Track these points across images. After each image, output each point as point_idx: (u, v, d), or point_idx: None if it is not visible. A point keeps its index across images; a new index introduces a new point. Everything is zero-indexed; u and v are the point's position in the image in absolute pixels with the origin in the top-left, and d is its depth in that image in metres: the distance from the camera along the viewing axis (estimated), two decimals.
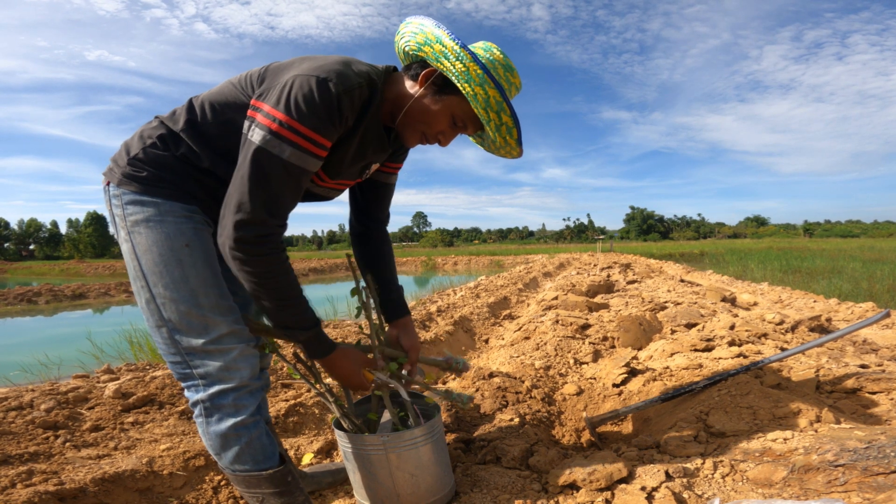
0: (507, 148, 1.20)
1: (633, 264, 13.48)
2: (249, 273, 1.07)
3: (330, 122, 1.05)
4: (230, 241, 1.05)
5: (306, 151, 1.04)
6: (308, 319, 1.17)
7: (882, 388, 1.82)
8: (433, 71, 1.13)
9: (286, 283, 1.11)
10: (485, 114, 1.11)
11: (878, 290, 7.43)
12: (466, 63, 1.07)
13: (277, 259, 1.09)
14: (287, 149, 1.02)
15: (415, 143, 1.24)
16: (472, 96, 1.09)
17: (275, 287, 1.09)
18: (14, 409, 2.00)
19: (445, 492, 1.37)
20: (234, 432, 1.15)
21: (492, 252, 39.60)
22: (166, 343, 1.14)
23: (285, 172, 1.04)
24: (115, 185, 1.14)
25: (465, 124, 1.19)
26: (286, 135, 1.02)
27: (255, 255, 1.05)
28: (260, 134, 1.03)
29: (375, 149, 1.25)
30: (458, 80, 1.09)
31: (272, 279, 1.09)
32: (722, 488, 1.28)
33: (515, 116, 1.13)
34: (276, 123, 1.02)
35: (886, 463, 1.16)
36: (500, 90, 1.08)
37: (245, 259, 1.05)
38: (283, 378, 2.57)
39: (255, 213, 1.03)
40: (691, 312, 3.52)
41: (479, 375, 2.24)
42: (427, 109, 1.15)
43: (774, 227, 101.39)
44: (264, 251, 1.06)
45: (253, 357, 1.19)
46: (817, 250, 19.88)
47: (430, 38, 1.10)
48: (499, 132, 1.14)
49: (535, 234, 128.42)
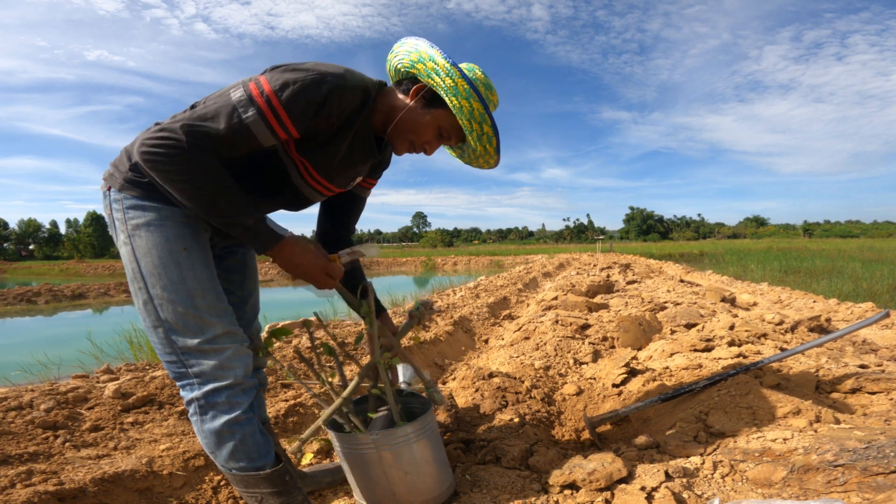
0: (486, 156, 1.30)
1: (633, 264, 13.48)
2: (169, 172, 1.04)
3: (305, 111, 1.11)
4: (144, 146, 1.04)
5: (267, 124, 1.09)
6: (249, 205, 1.13)
7: (881, 388, 1.82)
8: (423, 86, 1.23)
9: (214, 175, 1.07)
10: (468, 124, 1.21)
11: (878, 290, 7.44)
12: (455, 79, 1.17)
13: (196, 157, 1.05)
14: (253, 114, 1.08)
15: (403, 151, 1.33)
16: (458, 109, 1.19)
17: (203, 180, 1.06)
18: (14, 409, 2.00)
19: (443, 489, 1.37)
20: (228, 429, 1.17)
21: (491, 252, 39.61)
22: (162, 343, 1.17)
23: (237, 131, 1.07)
24: (116, 190, 1.18)
25: (450, 135, 1.29)
26: (260, 103, 1.08)
27: (170, 158, 1.03)
28: (239, 93, 1.09)
29: (364, 155, 1.31)
30: (446, 95, 1.19)
31: (195, 172, 1.05)
32: (721, 488, 1.28)
33: (495, 126, 1.24)
34: (259, 91, 1.08)
35: (886, 463, 1.16)
36: (483, 103, 1.19)
37: (160, 160, 1.03)
38: (283, 378, 2.57)
39: (185, 138, 1.03)
40: (691, 313, 3.52)
41: (478, 375, 2.24)
42: (416, 121, 1.25)
43: (774, 228, 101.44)
44: (179, 154, 1.04)
45: (246, 356, 1.22)
46: (817, 250, 19.90)
47: (423, 57, 1.20)
48: (480, 141, 1.25)
49: (534, 234, 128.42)
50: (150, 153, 1.04)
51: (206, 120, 1.06)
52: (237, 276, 1.45)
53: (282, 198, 1.34)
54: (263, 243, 1.18)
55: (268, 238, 1.17)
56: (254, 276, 1.53)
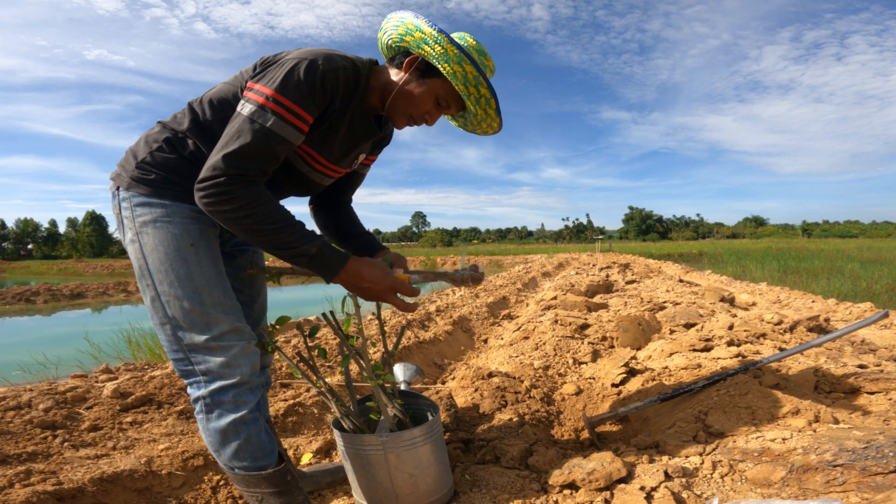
0: (488, 120, 1.29)
1: (632, 264, 13.49)
2: (228, 211, 1.06)
3: (312, 97, 1.12)
4: (199, 192, 1.06)
5: (288, 123, 1.10)
6: (310, 233, 1.14)
7: (880, 388, 1.82)
8: (416, 58, 1.22)
9: (272, 209, 1.09)
10: (464, 89, 1.20)
11: (877, 290, 7.45)
12: (444, 45, 1.16)
13: (249, 192, 1.07)
14: (271, 118, 1.08)
15: (404, 124, 1.32)
16: (451, 74, 1.18)
17: (263, 214, 1.08)
18: (12, 408, 1.99)
19: (444, 491, 1.37)
20: (234, 428, 1.16)
21: (491, 252, 39.62)
22: (169, 340, 1.17)
23: (266, 138, 1.08)
24: (124, 188, 1.18)
25: (448, 104, 1.28)
26: (271, 106, 1.08)
27: (223, 195, 1.05)
28: (249, 107, 1.09)
29: (364, 134, 1.32)
30: (438, 62, 1.18)
31: (254, 208, 1.07)
32: (721, 488, 1.28)
33: (492, 88, 1.22)
34: (264, 97, 1.09)
35: (885, 463, 1.16)
36: (476, 66, 1.17)
37: (216, 200, 1.05)
38: (283, 378, 2.56)
39: (227, 168, 1.05)
40: (690, 312, 3.52)
41: (478, 375, 2.24)
42: (412, 92, 1.24)
43: (773, 228, 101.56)
44: (232, 189, 1.05)
45: (253, 354, 1.21)
46: (816, 250, 19.93)
47: (410, 28, 1.19)
48: (478, 104, 1.24)
49: (534, 234, 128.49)
50: (209, 196, 1.05)
51: (234, 142, 1.06)
52: (246, 275, 1.45)
53: (290, 188, 1.35)
54: (330, 270, 1.16)
55: (335, 263, 1.15)
56: (263, 276, 1.52)
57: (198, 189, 1.07)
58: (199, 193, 1.07)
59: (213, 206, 1.06)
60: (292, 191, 1.38)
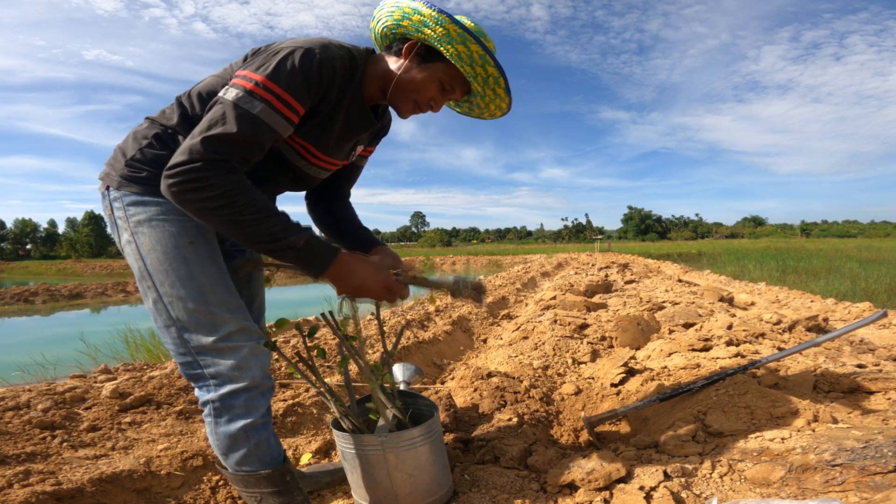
0: (497, 100, 1.24)
1: (631, 264, 13.49)
2: (204, 200, 0.97)
3: (307, 87, 1.07)
4: (169, 179, 0.98)
5: (277, 111, 1.04)
6: (296, 224, 1.07)
7: (879, 387, 1.83)
8: (415, 43, 1.17)
9: (253, 198, 1.01)
10: (471, 69, 1.15)
11: (875, 290, 7.45)
12: (446, 25, 1.10)
13: (229, 179, 0.98)
14: (259, 105, 1.02)
15: (408, 112, 1.26)
16: (455, 56, 1.13)
17: (243, 203, 0.99)
18: (11, 409, 1.99)
19: (444, 492, 1.37)
20: (244, 433, 1.13)
21: (490, 252, 39.63)
22: (175, 343, 1.13)
23: (251, 125, 1.01)
24: (114, 188, 1.14)
25: (453, 87, 1.22)
26: (260, 93, 1.03)
27: (198, 181, 0.97)
28: (234, 92, 1.03)
29: (361, 125, 1.27)
30: (440, 44, 1.13)
31: (233, 196, 0.98)
32: (720, 488, 1.28)
33: (500, 66, 1.16)
34: (252, 83, 1.03)
35: (884, 462, 1.16)
36: (480, 44, 1.11)
37: (190, 187, 0.97)
38: (282, 378, 2.56)
39: (205, 153, 0.97)
40: (689, 312, 3.53)
41: (477, 375, 2.24)
42: (415, 78, 1.19)
43: (772, 227, 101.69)
44: (209, 176, 0.97)
45: (264, 355, 1.17)
46: (814, 250, 19.94)
47: (407, 12, 1.14)
48: (486, 84, 1.18)
49: (533, 234, 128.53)
50: (183, 183, 0.97)
51: (216, 126, 0.99)
52: (243, 274, 1.42)
53: (285, 182, 1.30)
54: (320, 264, 1.09)
55: (325, 257, 1.09)
56: (260, 275, 1.51)
57: (168, 175, 0.98)
58: (170, 180, 0.97)
59: (186, 195, 0.98)
60: (288, 185, 1.33)
